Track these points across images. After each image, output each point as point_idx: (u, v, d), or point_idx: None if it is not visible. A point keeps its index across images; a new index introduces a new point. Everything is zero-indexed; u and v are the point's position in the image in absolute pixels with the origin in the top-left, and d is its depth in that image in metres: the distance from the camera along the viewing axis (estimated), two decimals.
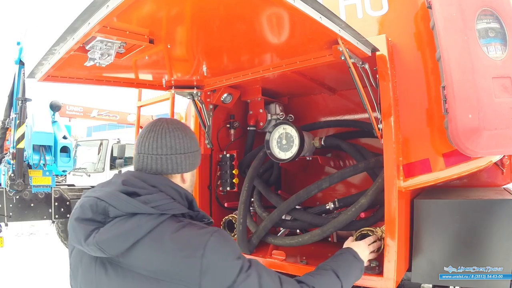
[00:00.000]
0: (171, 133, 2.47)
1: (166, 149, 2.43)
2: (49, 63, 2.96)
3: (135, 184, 2.29)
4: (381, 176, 3.70)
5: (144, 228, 2.12)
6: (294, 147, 4.25)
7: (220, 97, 4.82)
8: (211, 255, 2.10)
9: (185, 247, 2.12)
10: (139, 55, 3.12)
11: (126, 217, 2.16)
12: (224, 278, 2.12)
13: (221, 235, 2.23)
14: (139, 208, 2.15)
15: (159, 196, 2.25)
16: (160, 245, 2.12)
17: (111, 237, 2.10)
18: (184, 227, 2.20)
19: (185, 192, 2.44)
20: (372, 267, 3.58)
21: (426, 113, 3.51)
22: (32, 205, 10.35)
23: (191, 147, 2.55)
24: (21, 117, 9.77)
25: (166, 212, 2.21)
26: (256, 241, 4.27)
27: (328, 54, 3.30)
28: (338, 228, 3.81)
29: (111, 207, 2.17)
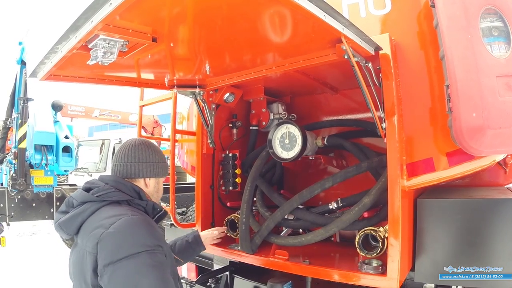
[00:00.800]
0: (136, 147, 3.19)
1: (131, 158, 3.14)
2: (52, 61, 2.96)
3: (92, 182, 3.05)
4: (384, 176, 3.69)
5: (88, 211, 2.79)
6: (296, 147, 4.24)
7: (222, 97, 4.80)
8: (114, 229, 2.58)
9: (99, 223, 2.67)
10: (141, 54, 3.11)
11: (79, 205, 2.85)
12: (108, 254, 2.52)
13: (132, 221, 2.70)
14: (87, 197, 2.86)
15: (103, 188, 2.90)
16: (93, 223, 2.71)
17: (67, 218, 2.81)
18: (114, 208, 2.81)
19: (132, 186, 3.05)
20: (375, 266, 3.56)
21: (429, 112, 3.50)
22: (33, 204, 10.36)
23: (152, 158, 3.23)
24: (23, 117, 9.78)
25: (106, 199, 2.85)
26: (259, 240, 4.25)
27: (331, 53, 3.29)
28: (341, 228, 3.80)
29: (74, 200, 2.90)
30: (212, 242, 4.42)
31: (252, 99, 5.18)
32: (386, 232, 3.62)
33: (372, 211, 3.91)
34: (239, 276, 4.82)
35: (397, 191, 3.36)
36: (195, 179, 5.04)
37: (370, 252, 3.68)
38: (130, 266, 2.48)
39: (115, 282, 2.46)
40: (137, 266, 2.49)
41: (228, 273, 5.00)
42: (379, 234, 3.64)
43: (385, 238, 3.61)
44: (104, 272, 2.48)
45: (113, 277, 2.46)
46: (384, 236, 3.62)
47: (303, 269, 3.89)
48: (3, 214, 9.90)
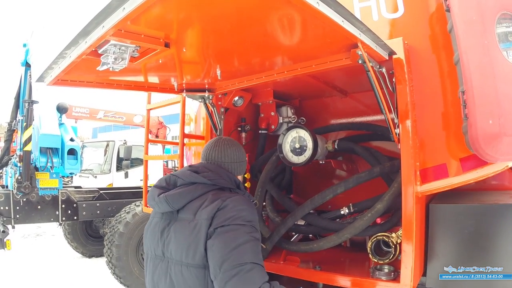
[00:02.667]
0: (231, 148, 3.35)
1: (227, 158, 3.31)
2: (60, 67, 2.93)
3: (197, 167, 3.20)
4: (397, 181, 3.67)
5: (198, 191, 2.99)
6: (307, 151, 4.22)
7: (231, 100, 4.77)
8: (230, 202, 2.85)
9: (215, 198, 2.90)
10: (151, 58, 3.07)
11: (188, 184, 3.04)
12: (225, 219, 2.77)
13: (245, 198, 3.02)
14: (198, 179, 3.04)
15: (213, 174, 3.09)
16: (203, 201, 2.93)
17: (176, 194, 2.97)
18: (224, 192, 3.04)
19: (233, 177, 3.24)
20: (387, 272, 3.54)
21: (442, 117, 3.48)
22: (39, 207, 10.32)
23: (242, 158, 3.43)
24: (28, 120, 9.73)
25: (216, 184, 3.06)
26: (269, 246, 4.21)
27: (345, 58, 3.27)
28: (354, 234, 3.76)
29: (179, 179, 3.09)
30: None
31: (261, 103, 5.16)
32: (399, 238, 3.60)
33: (384, 216, 3.88)
34: None
35: (410, 197, 3.32)
36: None
37: (382, 258, 3.65)
38: (239, 230, 2.75)
39: (220, 238, 2.71)
40: (243, 232, 2.75)
41: None
42: (392, 240, 3.61)
43: (398, 244, 3.60)
44: (214, 232, 2.76)
45: (220, 235, 2.73)
46: (396, 242, 3.60)
47: (314, 275, 3.87)
48: (9, 217, 9.87)
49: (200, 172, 3.09)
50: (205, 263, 2.75)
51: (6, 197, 9.88)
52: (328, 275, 3.79)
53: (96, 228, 13.81)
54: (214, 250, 2.69)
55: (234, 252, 2.63)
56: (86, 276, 11.51)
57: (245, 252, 2.66)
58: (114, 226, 9.93)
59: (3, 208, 9.81)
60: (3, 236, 9.34)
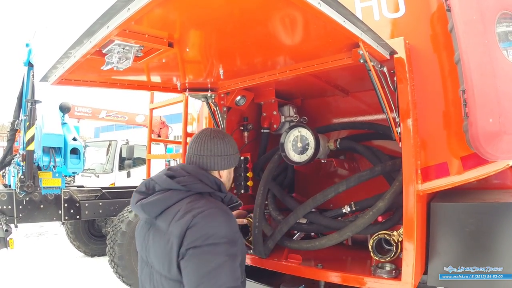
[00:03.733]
0: (212, 140, 3.16)
1: (207, 151, 3.13)
2: (64, 66, 2.96)
3: (175, 170, 3.04)
4: (398, 179, 3.68)
5: (174, 199, 2.85)
6: (309, 150, 4.24)
7: (233, 100, 4.80)
8: (201, 219, 2.65)
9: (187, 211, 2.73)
10: (155, 58, 3.10)
11: (164, 191, 2.92)
12: (196, 238, 2.61)
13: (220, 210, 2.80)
14: (172, 185, 2.90)
15: (189, 179, 2.92)
16: (178, 209, 2.78)
17: (150, 202, 2.88)
18: (199, 199, 2.85)
19: (214, 179, 3.05)
20: (388, 270, 3.56)
21: (443, 115, 3.50)
22: (41, 206, 10.33)
23: (226, 151, 3.20)
24: (30, 119, 9.73)
25: (191, 189, 2.89)
26: (272, 244, 4.24)
27: (347, 57, 3.29)
28: (355, 232, 3.78)
29: (156, 184, 2.97)
30: None
31: (263, 102, 5.19)
32: (400, 236, 3.63)
33: (386, 215, 3.91)
34: (249, 279, 4.77)
35: (412, 195, 3.35)
36: None
37: (384, 256, 3.67)
38: (211, 252, 2.61)
39: (193, 262, 2.60)
40: (217, 253, 2.62)
41: None
42: (393, 238, 3.63)
43: (399, 242, 3.62)
44: (186, 254, 2.63)
45: (192, 258, 2.61)
46: (398, 240, 3.62)
47: (316, 273, 3.88)
48: (11, 216, 9.89)
49: (176, 177, 2.97)
50: (181, 279, 2.71)
51: (9, 196, 9.90)
52: (330, 273, 3.80)
53: (99, 227, 13.80)
54: (188, 274, 2.63)
55: (207, 278, 2.57)
56: (88, 275, 11.49)
57: (219, 276, 2.58)
58: (117, 225, 9.91)
59: (6, 207, 9.83)
60: (6, 235, 9.30)
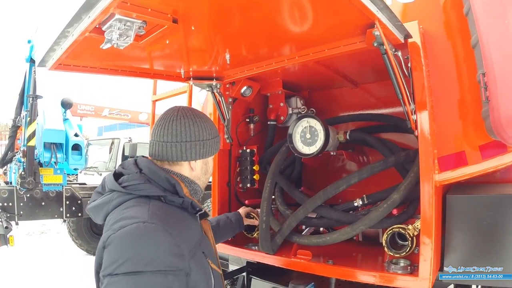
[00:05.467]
0: (179, 121, 2.57)
1: (171, 137, 2.54)
2: (62, 48, 2.77)
3: (126, 166, 2.56)
4: (413, 170, 3.55)
5: (113, 203, 2.36)
6: (318, 141, 4.07)
7: (239, 90, 4.65)
8: (119, 237, 2.11)
9: (115, 221, 2.20)
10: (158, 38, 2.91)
11: (109, 192, 2.44)
12: (110, 263, 2.07)
13: (146, 230, 2.15)
14: (114, 186, 2.40)
15: (133, 178, 2.41)
16: (113, 220, 2.24)
17: (95, 206, 2.46)
18: (137, 206, 2.29)
19: (166, 177, 2.47)
20: (403, 266, 3.41)
21: (458, 104, 3.38)
22: (43, 203, 10.33)
23: (200, 135, 2.61)
24: (32, 114, 9.69)
25: (133, 192, 2.36)
26: (280, 240, 4.05)
27: (359, 41, 3.14)
28: (369, 226, 3.60)
29: (106, 184, 2.49)
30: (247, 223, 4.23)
31: (269, 93, 5.05)
32: (416, 230, 3.48)
33: (399, 208, 3.74)
34: (256, 277, 4.64)
35: (430, 186, 3.18)
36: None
37: (398, 252, 3.50)
38: (127, 284, 2.03)
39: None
40: (135, 287, 2.03)
41: (245, 274, 4.79)
42: (408, 232, 3.46)
43: (414, 237, 3.47)
44: (103, 280, 2.08)
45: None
46: (413, 235, 3.46)
47: (328, 270, 3.72)
48: (12, 213, 9.87)
49: (124, 174, 2.48)
50: None
51: (10, 193, 9.90)
52: (342, 270, 3.64)
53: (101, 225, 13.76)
54: None
55: None
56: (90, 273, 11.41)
57: None
58: None
59: (7, 204, 9.83)
60: (6, 232, 9.33)
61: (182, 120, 2.58)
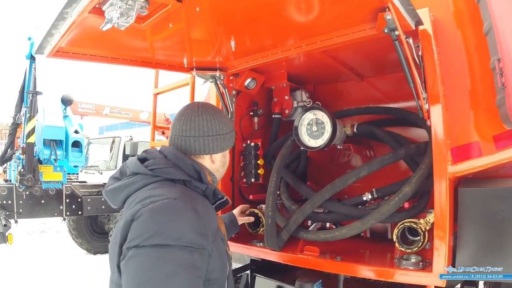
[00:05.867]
0: (200, 117, 2.67)
1: (194, 131, 2.64)
2: (60, 31, 2.66)
3: (150, 152, 2.61)
4: (424, 162, 3.45)
5: (137, 185, 2.41)
6: (325, 134, 3.96)
7: (243, 82, 4.54)
8: (150, 210, 2.15)
9: (142, 198, 2.26)
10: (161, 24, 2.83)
11: (131, 175, 2.49)
12: (138, 235, 2.11)
13: (177, 206, 2.23)
14: (139, 168, 2.44)
15: (160, 162, 2.47)
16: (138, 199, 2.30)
17: (115, 188, 2.50)
18: (164, 187, 2.36)
19: (193, 164, 2.54)
20: (414, 262, 3.30)
21: (469, 94, 3.29)
22: (42, 201, 10.28)
23: (219, 130, 2.72)
24: (31, 111, 9.59)
25: (160, 175, 2.42)
26: (286, 236, 3.92)
27: (369, 28, 3.04)
28: (379, 220, 3.49)
29: (128, 168, 2.53)
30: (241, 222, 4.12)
31: (274, 86, 4.94)
32: (428, 224, 3.36)
33: (410, 202, 3.62)
34: (260, 275, 4.52)
35: (444, 177, 3.07)
36: None
37: (410, 247, 3.38)
38: (156, 256, 2.03)
39: (130, 268, 2.06)
40: (162, 259, 2.03)
41: (249, 272, 4.66)
42: (420, 227, 3.34)
43: (426, 231, 3.35)
44: (127, 253, 2.09)
45: (130, 262, 2.06)
46: (425, 229, 3.35)
47: (337, 267, 3.59)
48: (11, 211, 9.80)
49: (148, 159, 2.52)
50: (121, 284, 2.14)
51: (9, 191, 9.83)
52: (352, 266, 3.51)
53: (101, 224, 13.83)
54: (124, 282, 2.08)
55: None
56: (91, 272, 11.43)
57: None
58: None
59: (6, 202, 9.76)
60: (4, 230, 9.30)
61: (204, 115, 2.68)
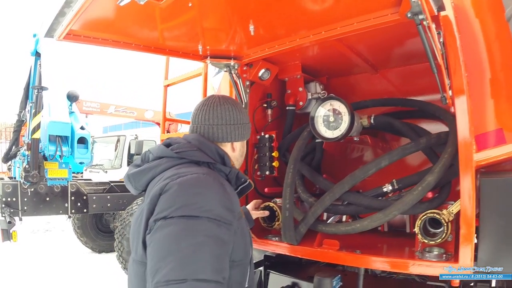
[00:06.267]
0: (222, 106, 2.78)
1: (217, 120, 2.75)
2: (73, 9, 2.59)
3: (174, 138, 2.72)
4: (446, 152, 3.35)
5: (162, 166, 2.50)
6: (343, 125, 3.87)
7: (257, 73, 4.45)
8: (178, 184, 2.24)
9: (169, 176, 2.35)
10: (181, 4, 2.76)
11: (155, 159, 2.58)
12: (167, 207, 2.17)
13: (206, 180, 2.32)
14: (165, 152, 2.56)
15: (184, 146, 2.58)
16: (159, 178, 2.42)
17: (138, 171, 2.57)
18: (190, 167, 2.46)
19: (216, 149, 2.66)
20: (437, 255, 3.22)
21: (490, 82, 3.21)
22: (47, 199, 10.19)
23: (240, 119, 2.84)
24: (37, 106, 9.57)
25: (185, 157, 2.52)
26: (304, 229, 3.81)
27: (391, 13, 2.99)
28: (402, 211, 3.38)
29: (151, 154, 2.64)
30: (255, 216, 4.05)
31: (287, 78, 4.84)
32: (450, 215, 3.24)
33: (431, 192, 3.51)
34: (275, 271, 4.41)
35: (469, 165, 2.97)
36: None
37: (433, 238, 3.28)
38: (184, 227, 2.07)
39: (158, 238, 2.09)
40: (191, 230, 2.06)
41: (263, 269, 4.52)
42: (443, 218, 3.24)
43: (449, 222, 3.24)
44: (154, 226, 2.15)
45: (157, 233, 2.10)
46: (448, 220, 3.24)
47: (358, 260, 3.48)
48: (16, 208, 9.72)
49: (172, 144, 2.63)
50: (145, 260, 2.18)
51: (14, 188, 9.74)
52: (375, 259, 3.40)
53: (107, 222, 13.80)
54: (150, 253, 2.10)
55: (171, 260, 1.98)
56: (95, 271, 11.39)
57: (188, 261, 1.98)
58: (125, 219, 9.83)
59: (11, 199, 9.68)
60: (9, 227, 9.24)
61: (225, 105, 2.80)
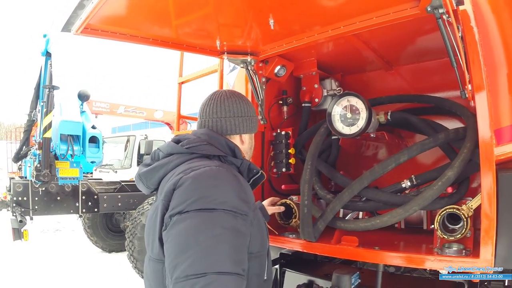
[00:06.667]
0: (230, 99, 2.79)
1: (225, 112, 2.75)
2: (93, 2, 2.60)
3: (183, 135, 2.69)
4: (465, 146, 3.34)
5: (173, 163, 2.49)
6: (360, 121, 3.85)
7: (273, 70, 4.46)
8: (192, 178, 2.23)
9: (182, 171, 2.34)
10: None
11: (165, 157, 2.57)
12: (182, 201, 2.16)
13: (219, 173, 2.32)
14: (175, 148, 2.56)
15: (194, 140, 2.57)
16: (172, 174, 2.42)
17: (149, 169, 2.57)
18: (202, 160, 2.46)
19: (226, 141, 2.66)
20: (456, 250, 3.20)
21: (507, 78, 3.23)
22: (58, 198, 10.21)
23: (248, 111, 2.85)
24: (48, 105, 9.54)
25: (196, 152, 2.52)
26: (322, 226, 3.77)
27: (410, 7, 3.00)
28: (422, 206, 3.35)
29: (160, 152, 2.63)
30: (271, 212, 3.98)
31: (303, 75, 4.85)
32: (470, 211, 3.24)
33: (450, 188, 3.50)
34: (290, 269, 4.39)
35: (491, 159, 2.93)
36: None
37: (452, 234, 3.27)
38: (201, 220, 2.07)
39: (175, 233, 2.09)
40: (208, 223, 2.07)
41: (278, 267, 4.49)
42: (463, 213, 3.23)
43: (469, 218, 3.23)
44: (170, 221, 2.15)
45: (174, 228, 2.11)
46: (467, 215, 3.23)
47: (377, 256, 3.46)
48: (27, 207, 9.73)
49: (182, 140, 2.62)
50: (163, 258, 2.19)
51: (25, 187, 9.76)
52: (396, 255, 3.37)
53: (117, 222, 13.83)
54: (168, 249, 2.10)
55: (189, 255, 1.98)
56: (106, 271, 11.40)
57: (207, 255, 1.97)
58: (136, 218, 9.81)
59: (22, 198, 9.70)
60: (20, 226, 9.35)
61: (232, 98, 2.80)
